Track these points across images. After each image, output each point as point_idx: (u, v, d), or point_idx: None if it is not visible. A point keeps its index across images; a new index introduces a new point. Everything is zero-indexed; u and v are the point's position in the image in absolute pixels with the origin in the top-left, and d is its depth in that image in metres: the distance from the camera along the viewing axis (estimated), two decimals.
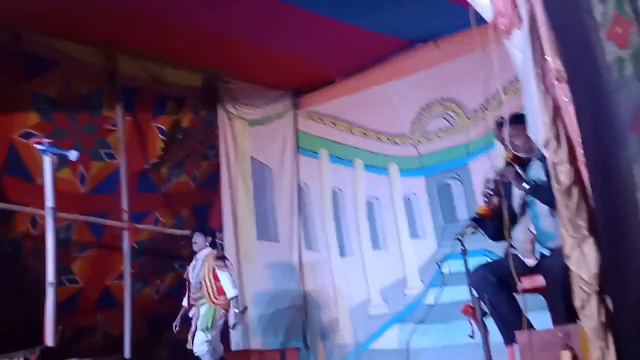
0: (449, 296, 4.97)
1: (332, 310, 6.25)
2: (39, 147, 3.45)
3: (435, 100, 5.90)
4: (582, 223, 2.41)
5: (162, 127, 6.29)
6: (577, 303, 2.38)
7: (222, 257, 5.73)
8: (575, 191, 2.38)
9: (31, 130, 5.42)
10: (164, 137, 6.28)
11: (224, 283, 5.51)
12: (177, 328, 5.65)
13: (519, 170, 3.32)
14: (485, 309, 2.94)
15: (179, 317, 5.68)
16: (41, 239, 4.31)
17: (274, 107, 6.86)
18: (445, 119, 5.85)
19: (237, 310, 5.50)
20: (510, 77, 3.85)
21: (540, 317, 3.19)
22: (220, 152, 6.70)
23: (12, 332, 4.77)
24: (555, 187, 2.42)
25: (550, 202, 3.17)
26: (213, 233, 5.88)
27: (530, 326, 3.01)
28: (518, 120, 3.29)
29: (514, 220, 3.28)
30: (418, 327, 3.36)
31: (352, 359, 6.01)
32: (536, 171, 3.33)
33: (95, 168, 5.93)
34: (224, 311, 5.54)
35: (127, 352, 5.73)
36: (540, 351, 2.44)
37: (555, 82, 2.46)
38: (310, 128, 6.78)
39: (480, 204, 3.23)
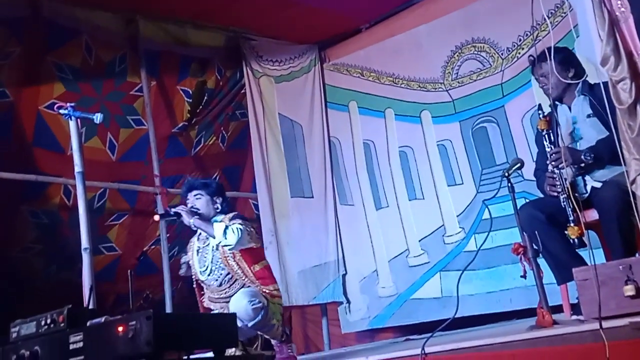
0: (492, 241, 4.89)
1: (371, 262, 6.18)
2: (62, 111, 3.40)
3: (466, 41, 5.72)
4: None
5: (188, 89, 6.21)
6: None
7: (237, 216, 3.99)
8: (639, 109, 2.21)
9: (57, 101, 5.36)
10: (189, 100, 6.21)
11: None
12: None
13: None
14: (537, 248, 2.81)
15: None
16: (76, 209, 4.31)
17: (300, 62, 6.70)
18: (478, 60, 5.66)
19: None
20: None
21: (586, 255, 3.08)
22: (248, 111, 6.59)
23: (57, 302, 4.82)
24: (616, 107, 2.25)
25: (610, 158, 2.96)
26: (222, 190, 4.08)
27: (583, 263, 2.88)
28: (553, 55, 3.13)
29: None
30: (462, 275, 3.24)
31: (394, 309, 5.95)
32: (580, 108, 3.19)
33: (124, 135, 5.87)
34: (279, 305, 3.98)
35: None
36: (600, 287, 2.31)
37: None
38: (338, 81, 6.62)
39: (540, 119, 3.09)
